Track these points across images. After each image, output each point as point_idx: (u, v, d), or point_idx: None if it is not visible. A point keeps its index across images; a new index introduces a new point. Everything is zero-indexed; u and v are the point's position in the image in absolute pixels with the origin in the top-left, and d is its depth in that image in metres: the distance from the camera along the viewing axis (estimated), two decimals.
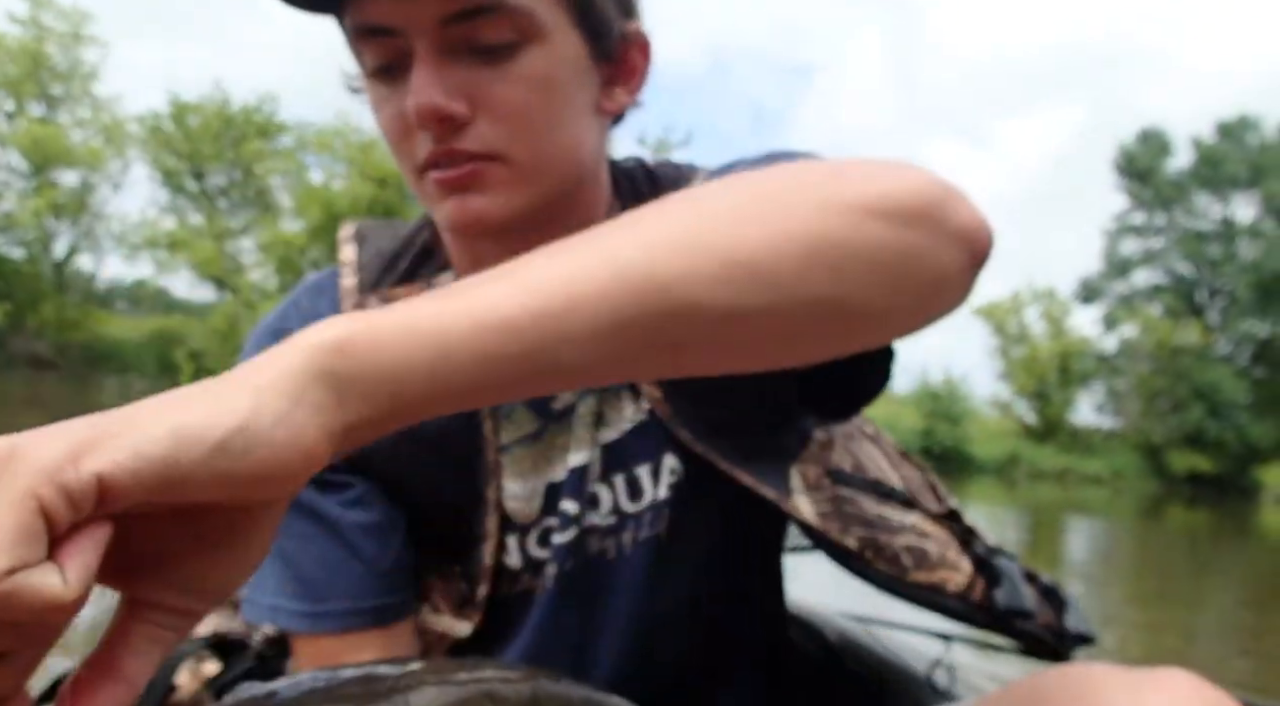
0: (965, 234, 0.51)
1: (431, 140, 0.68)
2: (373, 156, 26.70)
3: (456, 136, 0.67)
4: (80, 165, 26.23)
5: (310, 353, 0.38)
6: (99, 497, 0.32)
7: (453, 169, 0.68)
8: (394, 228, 0.86)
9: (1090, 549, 11.22)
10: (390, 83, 0.69)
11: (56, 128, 25.66)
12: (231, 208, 29.21)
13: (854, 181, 0.49)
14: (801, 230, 0.46)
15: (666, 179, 0.83)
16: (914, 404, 31.60)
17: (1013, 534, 11.17)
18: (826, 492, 0.79)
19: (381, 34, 0.67)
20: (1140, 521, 17.63)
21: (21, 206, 25.62)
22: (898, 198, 0.48)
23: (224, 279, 26.91)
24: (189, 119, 27.72)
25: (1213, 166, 37.27)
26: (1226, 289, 37.89)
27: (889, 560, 0.78)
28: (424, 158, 0.69)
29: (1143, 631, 5.52)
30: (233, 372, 0.38)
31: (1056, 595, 0.84)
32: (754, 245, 0.45)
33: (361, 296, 0.80)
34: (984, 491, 21.40)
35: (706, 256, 0.44)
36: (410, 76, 0.66)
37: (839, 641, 1.13)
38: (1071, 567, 8.53)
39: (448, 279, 0.80)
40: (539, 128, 0.69)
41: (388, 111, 0.70)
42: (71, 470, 0.32)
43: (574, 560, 0.79)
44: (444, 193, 0.70)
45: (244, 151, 27.58)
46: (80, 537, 0.33)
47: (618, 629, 0.80)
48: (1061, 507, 18.99)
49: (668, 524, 0.79)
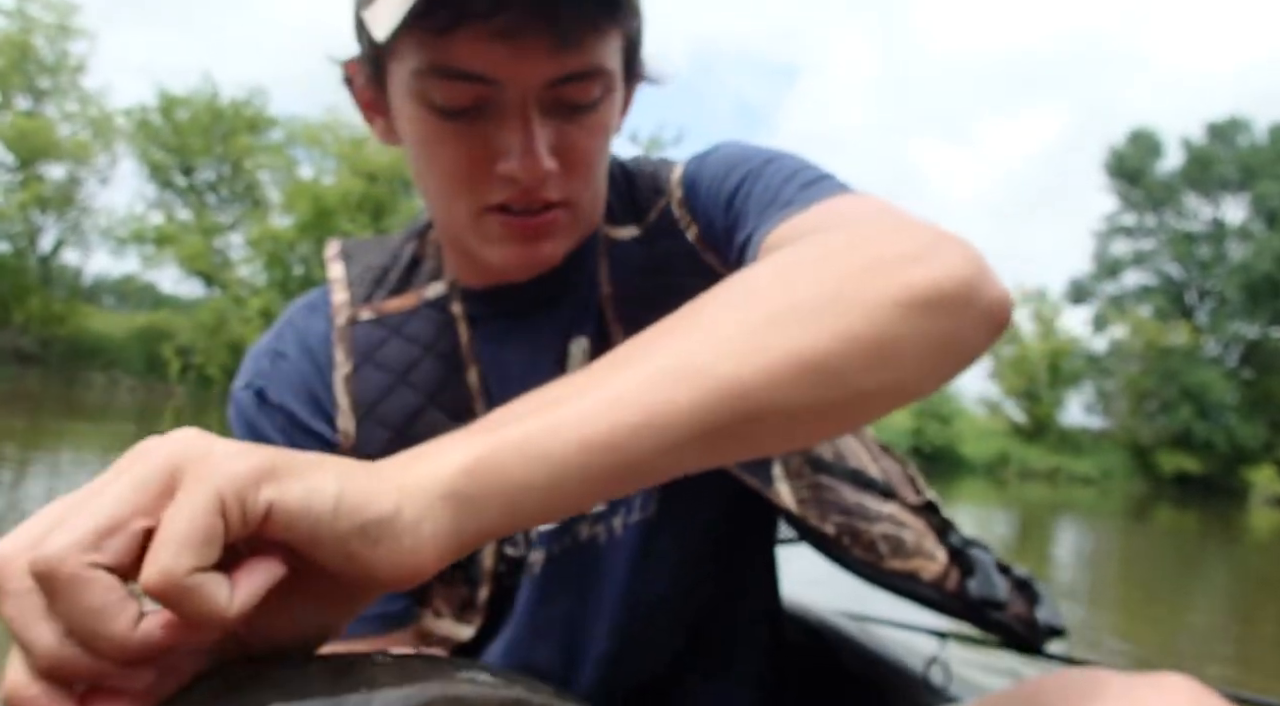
0: (994, 312, 0.56)
1: (517, 187, 0.69)
2: (363, 152, 26.58)
3: (543, 186, 0.69)
4: (67, 159, 26.01)
5: (443, 470, 0.41)
6: (262, 523, 0.35)
7: (532, 217, 0.71)
8: (378, 243, 0.88)
9: (1077, 551, 11.21)
10: (461, 123, 0.69)
11: (43, 121, 25.43)
12: (220, 203, 29.03)
13: (897, 271, 0.53)
14: (862, 330, 0.49)
15: (643, 176, 0.84)
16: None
17: (1003, 530, 11.16)
18: (806, 480, 0.81)
19: (471, 79, 0.66)
20: (1128, 522, 17.65)
21: (7, 200, 25.44)
22: (938, 289, 0.52)
23: (212, 274, 26.74)
24: (177, 112, 27.52)
25: (1203, 167, 37.45)
26: (1216, 290, 38.05)
27: (865, 547, 0.80)
28: (500, 201, 0.70)
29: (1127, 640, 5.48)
30: (384, 464, 0.41)
31: (1030, 587, 0.87)
32: (823, 347, 0.48)
33: (354, 310, 0.82)
34: (974, 491, 21.43)
35: (781, 360, 0.47)
36: (487, 122, 0.68)
37: (834, 639, 1.13)
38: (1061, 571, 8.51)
39: (438, 288, 0.83)
40: (598, 172, 0.74)
41: (455, 150, 0.70)
42: (253, 490, 0.35)
43: (561, 545, 0.79)
44: (514, 237, 0.72)
45: (233, 146, 27.39)
46: (258, 564, 0.36)
47: (608, 614, 0.80)
48: (1051, 507, 19.02)
49: (657, 506, 0.80)
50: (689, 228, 0.79)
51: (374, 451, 0.76)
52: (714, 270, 0.77)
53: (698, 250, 0.79)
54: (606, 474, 0.44)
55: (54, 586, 0.33)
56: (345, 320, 0.82)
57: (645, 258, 0.81)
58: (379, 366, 0.80)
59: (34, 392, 18.99)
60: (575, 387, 0.46)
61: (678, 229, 0.80)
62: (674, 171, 0.83)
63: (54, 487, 6.57)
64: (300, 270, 25.93)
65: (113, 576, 0.34)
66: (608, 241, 0.82)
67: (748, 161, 0.75)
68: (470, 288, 0.82)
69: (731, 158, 0.77)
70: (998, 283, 0.57)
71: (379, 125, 0.77)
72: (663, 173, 0.84)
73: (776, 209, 0.69)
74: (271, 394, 0.81)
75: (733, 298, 0.52)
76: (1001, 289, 0.57)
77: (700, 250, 0.79)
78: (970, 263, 0.55)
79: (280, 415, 0.80)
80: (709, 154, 0.80)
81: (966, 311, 0.54)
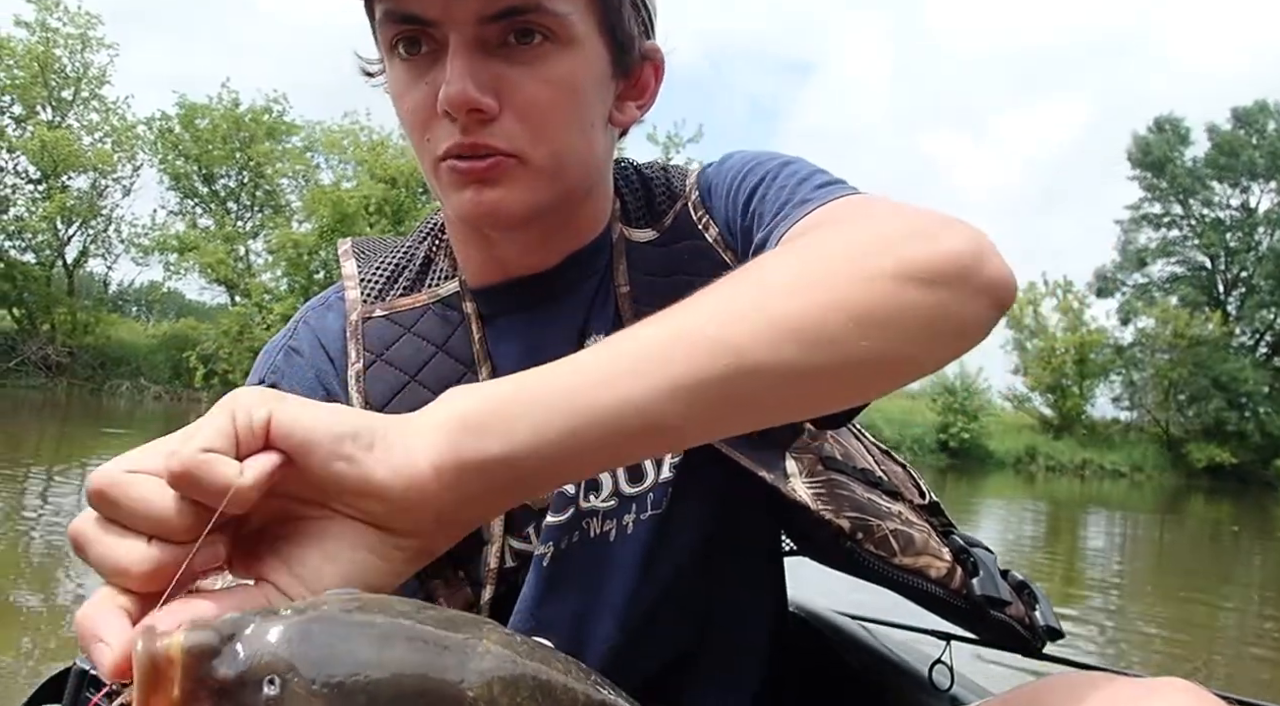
0: (995, 288, 0.58)
1: (457, 131, 0.70)
2: (382, 156, 26.64)
3: (482, 130, 0.70)
4: (90, 169, 26.17)
5: (438, 408, 0.47)
6: (266, 433, 0.43)
7: (475, 161, 0.70)
8: (389, 242, 0.89)
9: (1109, 545, 11.02)
10: (416, 69, 0.71)
11: (66, 132, 25.61)
12: (241, 210, 29.14)
13: (896, 247, 0.56)
14: (848, 299, 0.52)
15: (656, 181, 0.87)
16: (929, 399, 31.36)
17: (1030, 529, 10.98)
18: (820, 477, 0.82)
19: (415, 22, 0.68)
20: (1162, 515, 17.36)
21: (32, 211, 25.62)
22: (934, 263, 0.55)
23: (234, 281, 26.84)
24: (198, 121, 27.62)
25: (1230, 154, 36.90)
26: (1245, 278, 37.49)
27: (878, 542, 0.81)
28: (446, 147, 0.71)
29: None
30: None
31: (1027, 590, 0.88)
32: (814, 313, 0.52)
33: (367, 307, 0.83)
34: (1002, 486, 21.19)
35: (773, 324, 0.51)
36: (439, 66, 0.69)
37: (839, 640, 1.14)
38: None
39: (450, 287, 0.84)
40: (558, 130, 0.72)
41: (412, 97, 0.72)
42: (259, 407, 0.43)
43: (569, 540, 0.79)
44: (462, 183, 0.72)
45: (253, 153, 27.48)
46: (260, 454, 0.43)
47: (615, 610, 0.79)
48: (1081, 502, 18.77)
49: (669, 502, 0.80)
50: (708, 228, 0.82)
51: None
52: (729, 265, 0.79)
53: (717, 250, 0.81)
54: (600, 423, 0.47)
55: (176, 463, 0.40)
56: (358, 317, 0.83)
57: (662, 259, 0.83)
58: (391, 364, 0.81)
59: (62, 401, 19.13)
60: (584, 351, 0.51)
61: (696, 230, 0.83)
62: (689, 176, 0.86)
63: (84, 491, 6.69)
64: (321, 275, 25.96)
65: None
66: (625, 241, 0.83)
67: (764, 164, 0.78)
68: (482, 285, 0.83)
69: (748, 161, 0.81)
70: (1000, 261, 0.59)
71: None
72: (676, 177, 0.87)
73: (793, 207, 0.71)
74: (285, 389, 0.81)
75: (742, 276, 0.56)
76: (1003, 267, 0.59)
77: (719, 249, 0.81)
78: (970, 241, 0.58)
79: None
80: (726, 160, 0.84)
81: (964, 286, 0.56)
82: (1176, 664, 4.80)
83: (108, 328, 26.01)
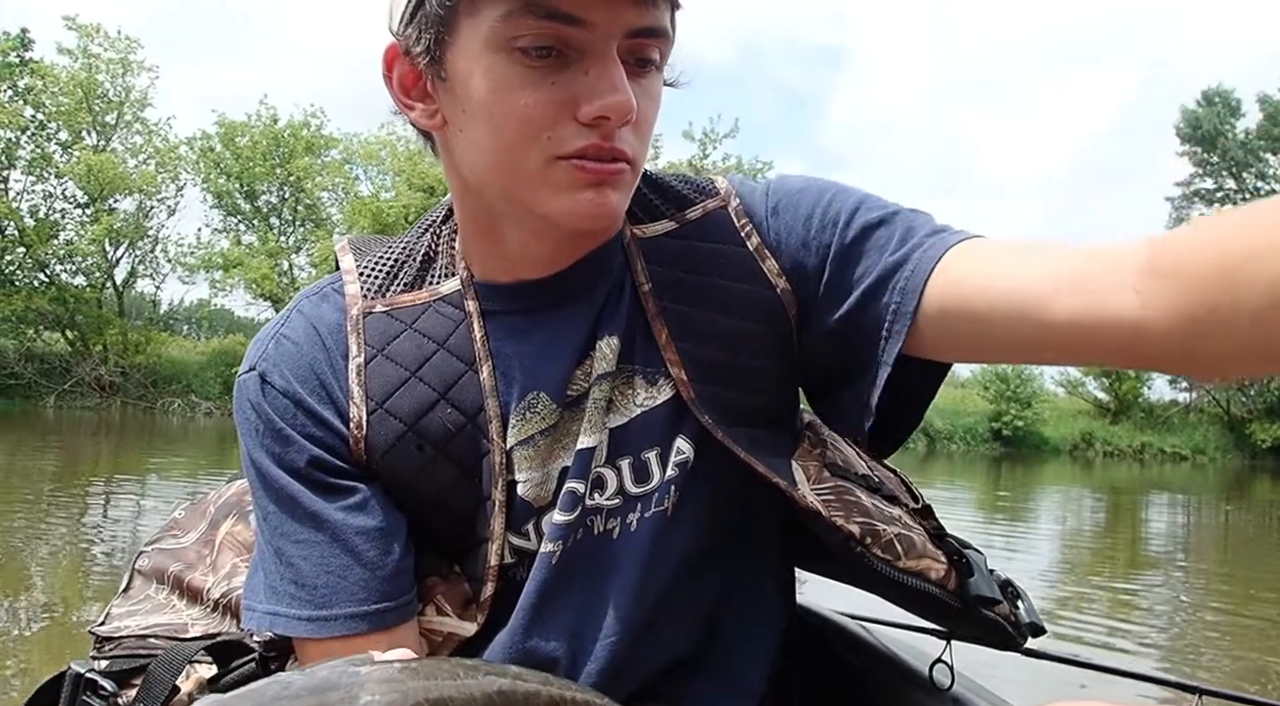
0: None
1: (594, 134, 0.70)
2: (419, 165, 26.77)
3: (616, 136, 0.71)
4: (135, 191, 26.57)
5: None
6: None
7: (608, 164, 0.71)
8: (387, 240, 0.89)
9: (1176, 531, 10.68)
10: (539, 72, 0.69)
11: (111, 155, 26.04)
12: (284, 225, 29.47)
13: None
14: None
15: (668, 180, 0.87)
16: (980, 387, 30.85)
17: (1091, 517, 10.65)
18: (828, 484, 0.84)
19: (562, 20, 0.67)
20: (1227, 497, 16.84)
21: (81, 235, 26.08)
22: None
23: (279, 296, 27.13)
24: (238, 138, 27.99)
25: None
26: None
27: (884, 547, 0.83)
28: (579, 147, 0.70)
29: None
30: None
31: (1011, 588, 0.92)
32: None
33: (367, 302, 0.82)
34: (1059, 473, 20.74)
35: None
36: (569, 69, 0.69)
37: (839, 640, 1.15)
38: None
39: (452, 284, 0.83)
40: (649, 144, 0.76)
41: (533, 95, 0.69)
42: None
43: (575, 538, 0.80)
44: (586, 182, 0.71)
45: (293, 168, 27.76)
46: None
47: (618, 607, 0.80)
48: (1142, 487, 18.29)
49: (675, 501, 0.81)
50: (750, 237, 0.82)
51: (385, 443, 0.78)
52: (767, 276, 0.81)
53: (756, 259, 0.81)
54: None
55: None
56: (359, 312, 0.82)
57: (684, 252, 0.83)
58: (392, 359, 0.80)
59: (116, 421, 19.46)
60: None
61: (736, 236, 0.83)
62: (717, 180, 0.86)
63: (142, 505, 7.52)
64: None
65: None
66: (637, 238, 0.83)
67: (842, 195, 0.80)
68: (487, 283, 0.83)
69: (814, 188, 0.82)
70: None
71: (419, 111, 0.76)
72: (700, 178, 0.87)
73: (933, 236, 0.75)
74: (275, 377, 0.80)
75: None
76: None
77: (758, 259, 0.81)
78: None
79: (285, 398, 0.79)
80: (783, 181, 0.85)
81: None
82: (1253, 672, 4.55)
83: (158, 346, 26.39)
